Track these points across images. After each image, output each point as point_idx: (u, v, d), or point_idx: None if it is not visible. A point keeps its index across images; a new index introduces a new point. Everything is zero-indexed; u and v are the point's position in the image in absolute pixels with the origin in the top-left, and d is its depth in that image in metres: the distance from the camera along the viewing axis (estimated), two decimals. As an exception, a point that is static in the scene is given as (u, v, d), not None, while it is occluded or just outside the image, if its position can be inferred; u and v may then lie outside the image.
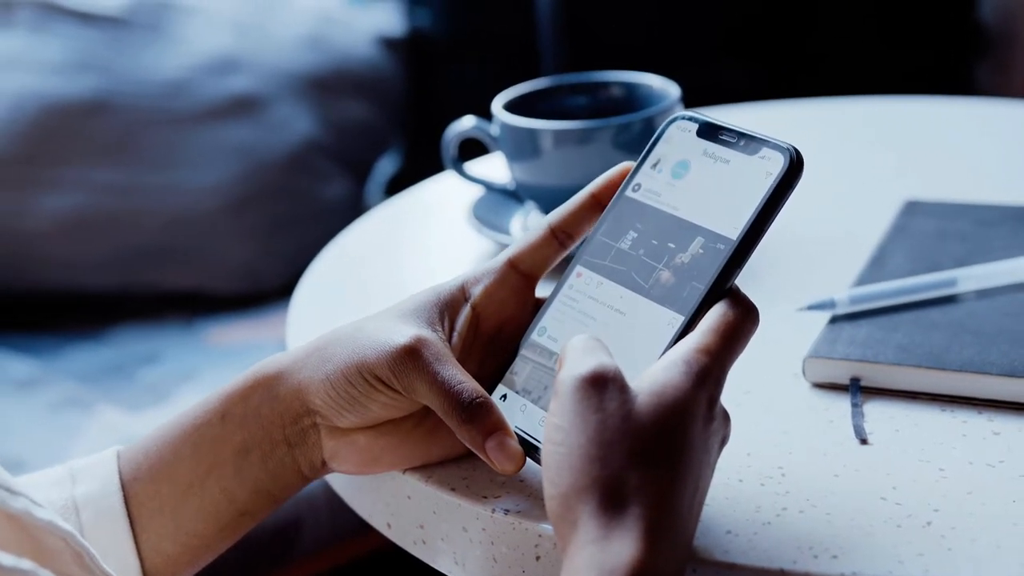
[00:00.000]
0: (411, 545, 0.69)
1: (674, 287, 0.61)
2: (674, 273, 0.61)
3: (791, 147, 0.60)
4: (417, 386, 0.62)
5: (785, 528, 0.61)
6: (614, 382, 0.55)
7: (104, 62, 1.63)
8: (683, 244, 0.61)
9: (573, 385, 0.56)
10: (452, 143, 0.96)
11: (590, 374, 0.56)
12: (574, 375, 0.56)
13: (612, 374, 0.56)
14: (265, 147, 1.66)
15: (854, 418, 0.69)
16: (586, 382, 0.55)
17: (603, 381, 0.55)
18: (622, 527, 0.52)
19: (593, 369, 0.56)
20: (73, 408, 1.41)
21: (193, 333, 1.59)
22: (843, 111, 1.24)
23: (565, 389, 0.56)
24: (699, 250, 0.61)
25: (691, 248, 0.61)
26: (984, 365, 0.69)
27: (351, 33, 1.78)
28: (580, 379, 0.56)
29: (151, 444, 0.67)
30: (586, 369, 0.56)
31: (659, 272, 0.61)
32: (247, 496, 0.66)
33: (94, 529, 0.65)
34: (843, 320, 0.76)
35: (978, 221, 0.87)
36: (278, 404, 0.65)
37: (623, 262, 0.63)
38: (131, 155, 1.62)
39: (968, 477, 0.63)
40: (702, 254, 0.60)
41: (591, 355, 0.57)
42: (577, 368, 0.56)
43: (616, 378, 0.56)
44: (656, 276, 0.61)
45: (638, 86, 0.97)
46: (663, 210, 0.63)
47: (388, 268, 0.98)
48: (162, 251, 1.63)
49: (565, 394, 0.56)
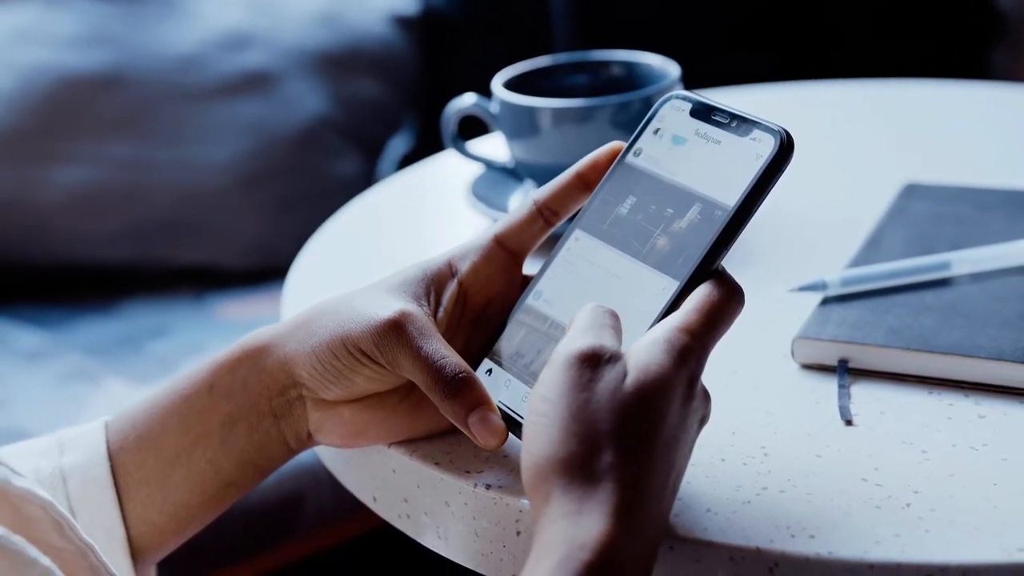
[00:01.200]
0: (396, 519, 0.70)
1: (669, 254, 0.61)
2: (669, 240, 0.61)
3: (782, 129, 0.60)
4: (401, 360, 0.62)
5: (764, 507, 0.61)
6: (609, 362, 0.55)
7: (118, 36, 1.64)
8: (679, 211, 0.61)
9: (567, 360, 0.56)
10: (452, 120, 0.96)
11: (586, 351, 0.56)
12: (571, 349, 0.56)
13: (609, 354, 0.56)
14: (277, 123, 1.66)
15: (840, 399, 0.69)
16: (579, 359, 0.55)
17: (597, 359, 0.55)
18: (594, 502, 0.52)
19: (590, 346, 0.56)
20: (81, 380, 1.42)
21: (203, 307, 1.60)
22: (849, 93, 1.23)
23: (559, 361, 0.56)
24: (694, 219, 0.61)
25: (687, 216, 0.61)
26: (972, 348, 0.69)
27: (365, 11, 1.78)
28: (574, 355, 0.56)
29: (139, 415, 0.67)
30: (584, 345, 0.56)
31: (656, 238, 0.61)
32: (233, 467, 0.67)
33: (80, 499, 0.65)
34: (834, 302, 0.76)
35: (975, 205, 0.87)
36: (265, 376, 0.65)
37: (621, 227, 0.63)
38: (143, 130, 1.62)
39: (951, 459, 0.63)
40: (695, 226, 0.60)
41: (593, 332, 0.57)
42: (575, 343, 0.56)
43: (612, 358, 0.55)
44: (652, 242, 0.61)
45: (638, 65, 0.96)
46: (661, 176, 0.63)
47: (386, 245, 0.98)
48: (173, 226, 1.63)
49: (557, 366, 0.56)
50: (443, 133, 0.97)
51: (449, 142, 0.97)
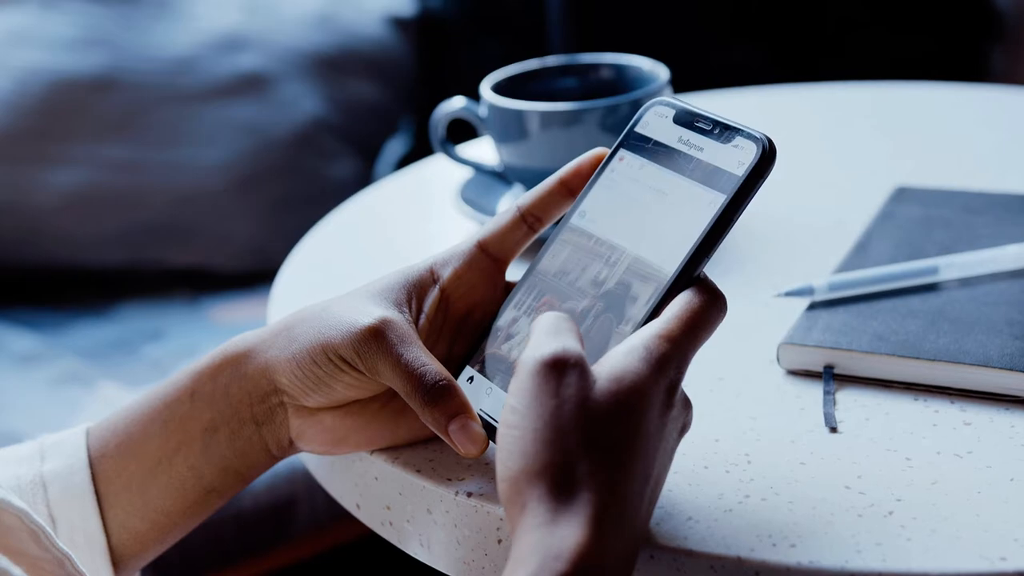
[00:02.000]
0: (379, 527, 0.69)
1: (651, 261, 0.60)
2: (651, 247, 0.61)
3: (764, 136, 0.60)
4: (381, 368, 0.62)
5: (746, 516, 0.60)
6: (575, 367, 0.55)
7: (113, 38, 1.64)
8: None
9: (532, 368, 0.55)
10: (440, 124, 0.96)
11: (551, 357, 0.55)
12: (535, 356, 0.55)
13: (574, 359, 0.55)
14: (272, 125, 1.66)
15: (825, 406, 0.68)
16: (545, 366, 0.55)
17: (563, 365, 0.55)
18: (569, 512, 0.52)
19: (554, 352, 0.55)
20: (75, 384, 1.42)
21: (197, 310, 1.59)
22: (844, 96, 1.23)
23: (524, 371, 0.55)
24: (670, 235, 0.60)
25: (663, 233, 0.61)
26: (958, 355, 0.68)
27: (361, 12, 1.77)
28: (540, 362, 0.55)
29: (120, 421, 0.67)
30: (548, 352, 0.55)
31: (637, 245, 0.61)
32: (214, 474, 0.66)
33: (61, 505, 0.65)
34: (821, 307, 0.75)
35: (964, 208, 0.86)
36: (246, 383, 0.65)
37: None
38: (138, 132, 1.62)
39: (934, 467, 0.63)
40: (673, 239, 0.60)
41: (555, 337, 0.56)
42: (539, 350, 0.56)
43: (577, 363, 0.55)
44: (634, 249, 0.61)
45: (627, 68, 0.96)
46: (642, 183, 0.62)
47: (374, 248, 0.98)
48: (168, 228, 1.63)
49: (524, 376, 0.55)
50: (431, 137, 0.96)
51: (438, 146, 0.97)
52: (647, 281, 0.60)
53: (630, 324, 0.59)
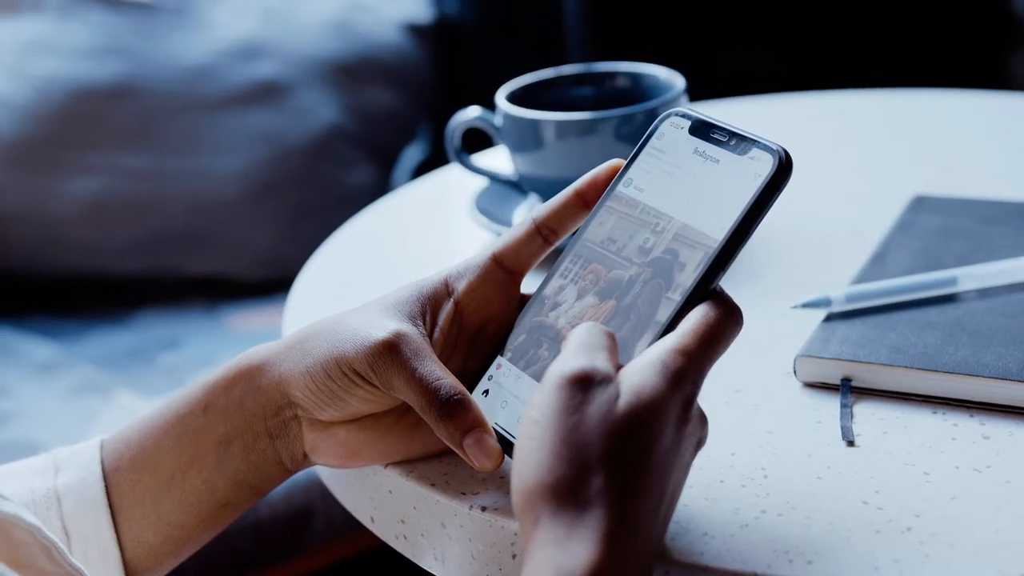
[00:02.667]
0: (393, 540, 0.69)
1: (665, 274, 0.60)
2: (666, 259, 0.60)
3: (781, 148, 0.59)
4: (395, 381, 0.61)
5: (762, 531, 0.60)
6: (600, 384, 0.54)
7: (131, 47, 1.64)
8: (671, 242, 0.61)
9: (557, 382, 0.55)
10: (455, 133, 0.95)
11: (577, 373, 0.55)
12: (562, 370, 0.55)
13: (600, 376, 0.55)
14: (290, 133, 1.66)
15: (842, 419, 0.68)
16: (570, 381, 0.55)
17: (588, 381, 0.54)
18: (583, 529, 0.51)
19: (582, 368, 0.55)
20: (92, 392, 1.42)
21: (215, 319, 1.60)
22: (860, 103, 1.22)
23: (549, 384, 0.55)
24: (684, 249, 0.60)
25: (677, 246, 0.60)
26: (977, 367, 0.68)
27: (378, 19, 1.77)
28: (566, 376, 0.55)
29: (134, 434, 0.67)
30: (576, 367, 0.55)
31: (651, 257, 0.61)
32: (228, 487, 0.66)
33: (75, 519, 0.65)
34: (838, 318, 0.75)
35: (982, 218, 0.86)
36: (260, 396, 0.65)
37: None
38: (156, 140, 1.62)
39: (953, 481, 0.62)
40: (687, 253, 0.60)
41: (585, 353, 0.56)
42: (567, 364, 0.55)
43: (604, 380, 0.55)
44: (649, 260, 0.61)
45: (643, 76, 0.96)
46: (651, 206, 0.62)
47: (389, 259, 0.98)
48: (185, 237, 1.63)
49: (548, 389, 0.55)
50: (447, 147, 0.96)
51: (453, 156, 0.96)
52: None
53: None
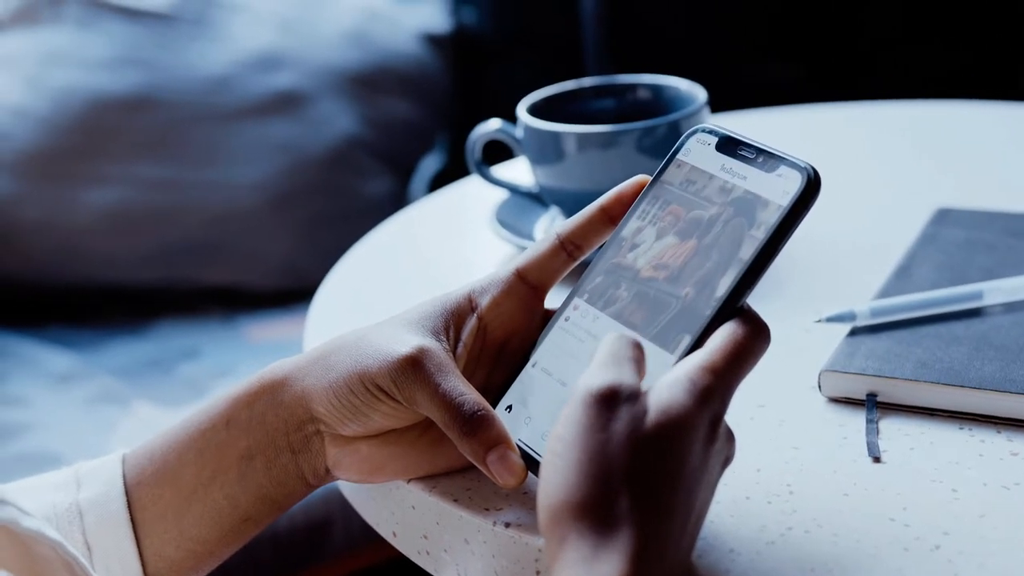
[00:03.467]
0: (416, 555, 0.69)
1: (693, 294, 0.59)
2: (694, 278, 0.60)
3: (809, 166, 0.59)
4: (418, 397, 0.61)
5: (789, 548, 0.59)
6: (627, 401, 0.54)
7: (149, 58, 1.65)
8: (697, 261, 0.60)
9: (584, 399, 0.54)
10: (476, 145, 0.95)
11: (604, 390, 0.54)
12: (588, 387, 0.55)
13: (627, 392, 0.54)
14: (308, 144, 1.66)
15: (868, 435, 0.67)
16: (597, 399, 0.54)
17: (615, 398, 0.54)
18: (610, 548, 0.51)
19: (608, 385, 0.54)
20: (111, 403, 1.42)
21: (233, 329, 1.60)
22: (881, 115, 1.22)
23: (576, 400, 0.55)
24: (711, 268, 0.59)
25: (704, 265, 0.60)
26: (1004, 383, 0.67)
27: (396, 30, 1.78)
28: (591, 394, 0.54)
29: (156, 448, 0.67)
30: (602, 384, 0.54)
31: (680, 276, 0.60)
32: (250, 502, 0.66)
33: (97, 534, 0.65)
34: (863, 332, 0.74)
35: (1008, 231, 0.85)
36: (282, 410, 0.65)
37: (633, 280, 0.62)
38: (175, 151, 1.63)
39: (982, 499, 0.62)
40: (714, 272, 0.59)
41: (612, 368, 0.55)
42: (593, 380, 0.55)
43: (630, 396, 0.54)
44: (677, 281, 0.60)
45: (665, 88, 0.95)
46: (677, 227, 0.62)
47: (410, 271, 0.98)
48: (204, 247, 1.63)
49: (575, 406, 0.54)
50: (467, 159, 0.96)
51: (473, 168, 0.96)
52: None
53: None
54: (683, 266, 0.61)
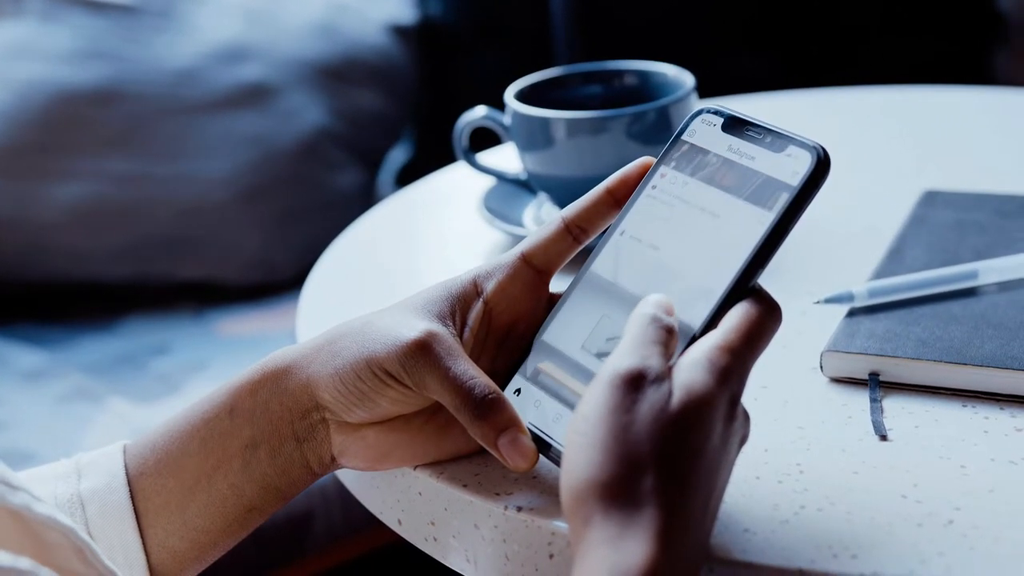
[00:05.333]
0: (422, 542, 0.68)
1: (695, 288, 0.59)
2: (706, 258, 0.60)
3: (818, 145, 0.59)
4: (428, 381, 0.61)
5: (803, 526, 0.59)
6: (654, 382, 0.54)
7: (114, 50, 1.62)
8: (707, 242, 0.60)
9: (610, 380, 0.54)
10: (463, 133, 0.95)
11: (632, 372, 0.54)
12: (616, 369, 0.54)
13: (654, 374, 0.54)
14: (276, 136, 1.65)
15: (873, 414, 0.68)
16: (624, 380, 0.54)
17: (641, 380, 0.54)
18: (636, 527, 0.51)
19: (636, 367, 0.54)
20: (82, 400, 1.41)
21: (204, 324, 1.58)
22: (861, 101, 1.22)
23: (603, 380, 0.54)
24: (721, 249, 0.59)
25: (714, 247, 0.60)
26: (1006, 360, 0.68)
27: (363, 21, 1.76)
28: (619, 375, 0.54)
29: (158, 438, 0.66)
30: (630, 365, 0.54)
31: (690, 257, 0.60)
32: (255, 491, 0.65)
33: (100, 524, 0.64)
34: (861, 313, 0.74)
35: (998, 212, 0.86)
36: (287, 399, 0.64)
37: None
38: (141, 144, 1.61)
39: (990, 474, 0.62)
40: (724, 253, 0.59)
41: (640, 350, 0.55)
42: (622, 362, 0.55)
43: (657, 378, 0.54)
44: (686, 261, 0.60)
45: (652, 74, 0.95)
46: (686, 208, 0.61)
47: (399, 259, 0.97)
48: (173, 241, 1.62)
49: (602, 386, 0.54)
50: (455, 146, 0.95)
51: (461, 155, 0.96)
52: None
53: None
54: (692, 247, 0.61)
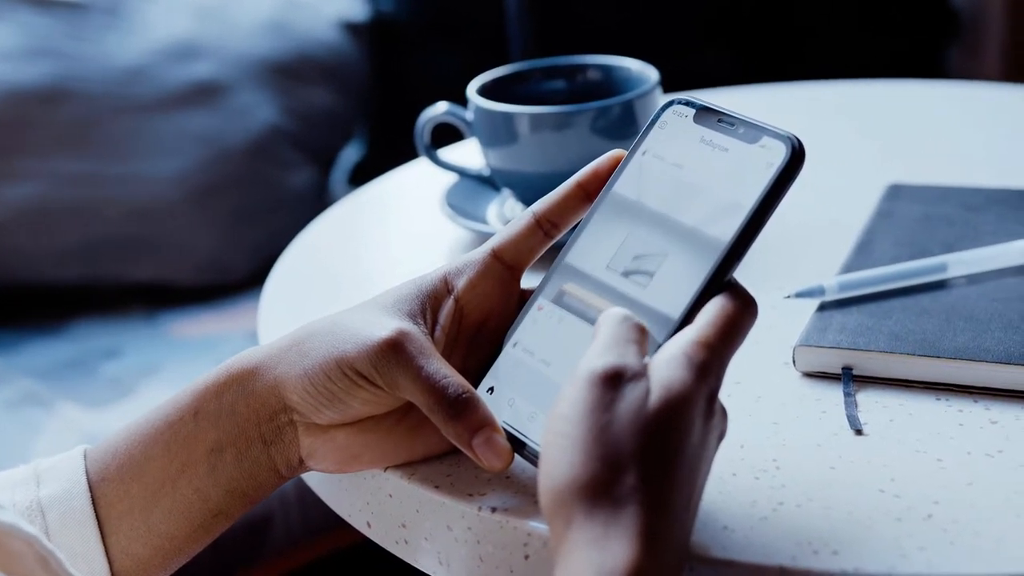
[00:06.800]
0: (393, 545, 0.67)
1: (672, 282, 0.58)
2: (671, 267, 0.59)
3: (793, 136, 0.58)
4: (400, 381, 0.59)
5: (783, 523, 0.59)
6: (631, 380, 0.53)
7: (61, 48, 1.59)
8: (680, 236, 0.59)
9: (588, 379, 0.53)
10: (425, 129, 0.93)
11: (609, 370, 0.53)
12: (592, 368, 0.53)
13: (632, 372, 0.53)
14: (228, 135, 1.62)
15: (847, 408, 0.67)
16: (601, 378, 0.53)
17: (619, 379, 0.53)
18: (619, 527, 0.50)
19: (613, 366, 0.53)
20: (32, 405, 1.38)
21: (156, 326, 1.55)
22: (819, 95, 1.22)
23: (580, 380, 0.53)
24: (696, 242, 0.59)
25: (687, 243, 0.59)
26: (979, 352, 0.68)
27: (314, 18, 1.74)
28: (596, 374, 0.53)
29: (120, 443, 0.64)
30: (606, 364, 0.53)
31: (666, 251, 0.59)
32: (221, 496, 0.64)
33: (61, 532, 0.62)
34: (832, 307, 0.74)
35: (964, 205, 0.86)
36: (253, 400, 0.62)
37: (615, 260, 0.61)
38: (90, 144, 1.58)
39: (967, 467, 0.62)
40: (698, 248, 0.58)
41: (616, 349, 0.54)
42: (598, 361, 0.54)
43: (634, 376, 0.53)
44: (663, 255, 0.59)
45: (616, 69, 0.94)
46: (656, 204, 0.61)
47: (361, 258, 0.96)
48: (124, 242, 1.59)
49: (580, 385, 0.53)
50: (416, 142, 0.94)
51: (423, 151, 0.94)
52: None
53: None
54: (666, 241, 0.60)
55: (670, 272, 0.59)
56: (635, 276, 0.60)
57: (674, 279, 0.59)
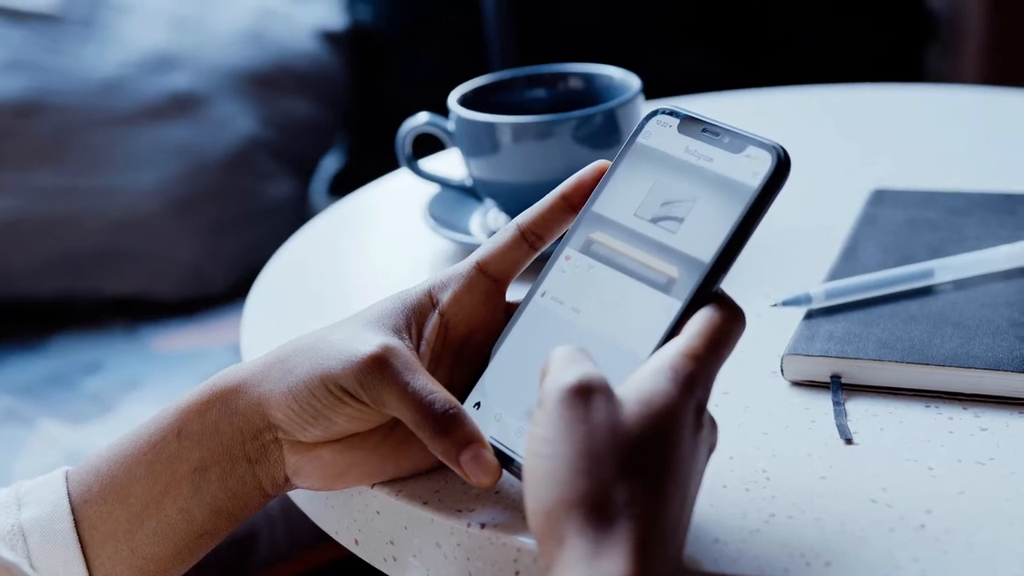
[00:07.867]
0: (381, 562, 0.66)
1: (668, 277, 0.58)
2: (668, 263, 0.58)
3: (778, 145, 0.58)
4: (386, 397, 0.59)
5: (774, 535, 0.58)
6: (601, 392, 0.53)
7: (37, 61, 1.58)
8: (666, 247, 0.59)
9: (558, 396, 0.53)
10: (406, 140, 0.93)
11: (576, 384, 0.53)
12: (559, 385, 0.53)
13: (598, 384, 0.53)
14: (206, 146, 1.61)
15: (837, 417, 0.67)
16: (572, 392, 0.53)
17: (589, 391, 0.53)
18: (611, 542, 0.49)
19: (579, 379, 0.53)
20: (13, 423, 1.36)
21: (137, 340, 1.54)
22: (799, 101, 1.22)
23: (551, 400, 0.53)
24: (682, 254, 0.58)
25: (674, 252, 0.58)
26: (968, 359, 0.67)
27: (291, 28, 1.74)
28: (566, 389, 0.53)
29: (102, 464, 0.63)
30: (572, 379, 0.53)
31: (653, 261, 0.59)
32: (206, 516, 0.63)
33: (43, 556, 0.61)
34: (819, 315, 0.74)
35: (948, 210, 0.85)
36: (237, 419, 0.62)
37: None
38: (67, 157, 1.56)
39: (959, 476, 0.61)
40: (685, 261, 0.58)
41: (575, 365, 0.54)
42: (562, 378, 0.53)
43: (602, 388, 0.53)
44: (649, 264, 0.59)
45: (598, 77, 0.94)
46: (639, 220, 0.60)
47: (344, 270, 0.95)
48: (103, 256, 1.57)
49: (551, 404, 0.53)
50: (398, 153, 0.93)
51: (404, 162, 0.94)
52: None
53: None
54: (651, 253, 0.59)
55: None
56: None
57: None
